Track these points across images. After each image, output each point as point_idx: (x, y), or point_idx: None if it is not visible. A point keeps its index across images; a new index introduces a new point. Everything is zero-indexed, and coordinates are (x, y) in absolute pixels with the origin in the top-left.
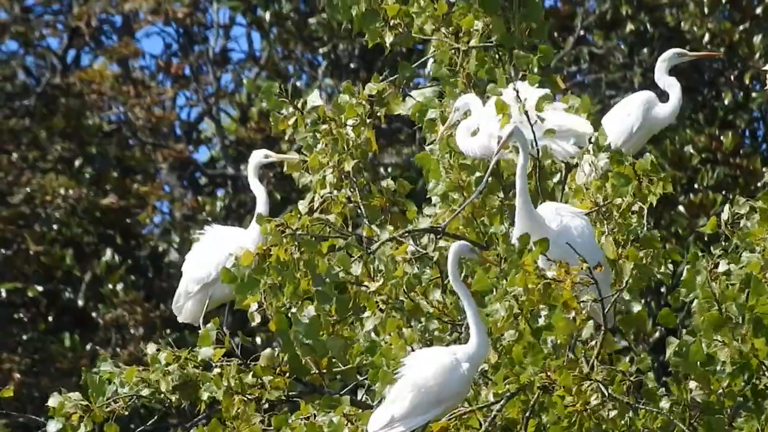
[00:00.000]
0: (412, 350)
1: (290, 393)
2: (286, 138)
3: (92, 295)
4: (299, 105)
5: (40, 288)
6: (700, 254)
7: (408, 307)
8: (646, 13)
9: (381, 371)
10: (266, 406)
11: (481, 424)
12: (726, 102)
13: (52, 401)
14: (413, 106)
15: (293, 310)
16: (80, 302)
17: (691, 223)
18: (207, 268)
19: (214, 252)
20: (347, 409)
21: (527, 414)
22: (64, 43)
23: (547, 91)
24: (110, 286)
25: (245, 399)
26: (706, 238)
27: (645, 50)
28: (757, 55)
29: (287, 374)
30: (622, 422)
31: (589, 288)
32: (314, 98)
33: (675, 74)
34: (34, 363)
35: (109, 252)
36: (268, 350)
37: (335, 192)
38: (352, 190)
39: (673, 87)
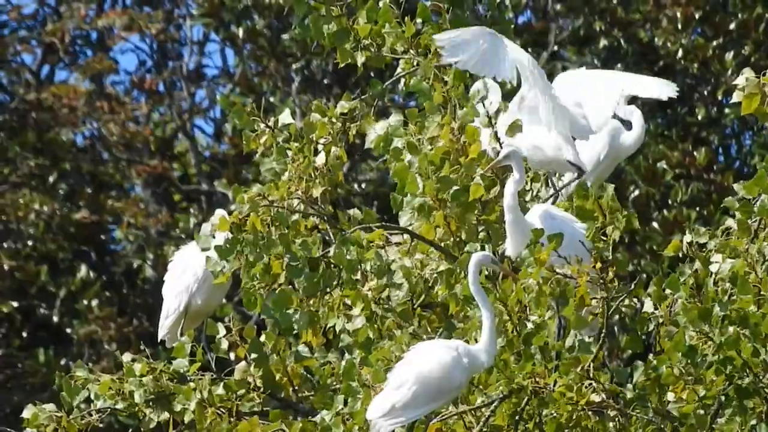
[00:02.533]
0: (403, 351)
1: (264, 408)
2: (258, 155)
3: (66, 311)
4: (270, 123)
5: (14, 304)
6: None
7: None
8: (619, 29)
9: (374, 371)
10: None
11: (467, 427)
12: (699, 117)
13: (26, 413)
14: (375, 139)
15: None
16: (55, 318)
17: (665, 239)
18: (186, 279)
19: (189, 263)
20: (340, 407)
21: (517, 418)
22: (38, 58)
23: (518, 119)
24: (85, 301)
25: (218, 412)
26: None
27: (619, 66)
28: (730, 71)
29: (261, 389)
30: (613, 426)
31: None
32: (285, 117)
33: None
34: (8, 378)
35: (84, 268)
36: (242, 363)
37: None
38: (319, 218)
39: (634, 115)
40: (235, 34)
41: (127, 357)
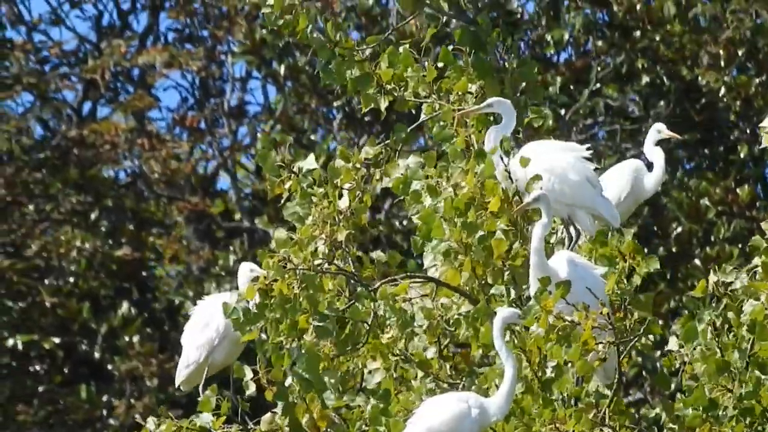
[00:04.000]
0: (422, 401)
1: None
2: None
3: (108, 347)
4: (295, 169)
5: (56, 340)
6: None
7: (418, 358)
8: (661, 66)
9: (393, 421)
10: None
11: None
12: (741, 155)
13: None
14: (394, 180)
15: (290, 346)
16: (96, 354)
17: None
18: (209, 333)
19: (213, 317)
20: None
21: None
22: (79, 95)
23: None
24: (126, 338)
25: None
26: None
27: (661, 103)
28: None
29: None
30: None
31: (606, 334)
32: (310, 162)
33: (695, 125)
34: (49, 415)
35: (125, 304)
36: (268, 415)
37: (326, 264)
38: (344, 261)
39: (657, 157)
40: (277, 71)
41: (151, 424)
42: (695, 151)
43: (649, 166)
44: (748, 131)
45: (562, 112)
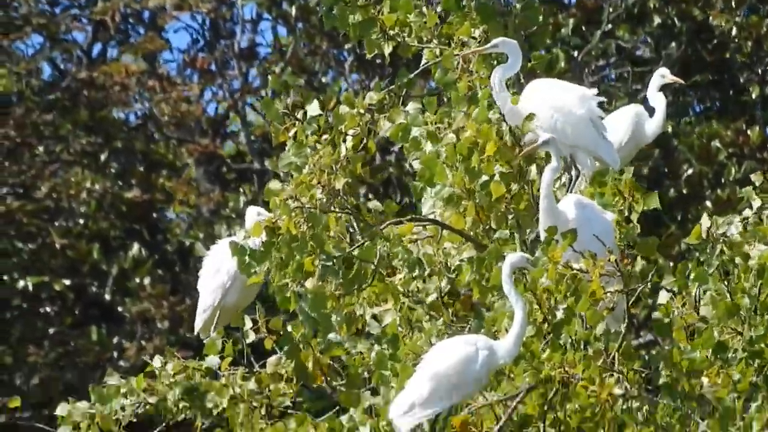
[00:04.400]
0: (431, 344)
1: (297, 399)
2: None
3: (119, 289)
4: (299, 116)
5: (66, 282)
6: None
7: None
8: (673, 6)
9: (402, 365)
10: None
11: (497, 418)
12: (753, 96)
13: (61, 410)
14: (392, 128)
15: (295, 288)
16: (107, 296)
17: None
18: (220, 276)
19: (224, 261)
20: (368, 403)
21: (545, 408)
22: (89, 37)
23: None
24: (137, 280)
25: (251, 407)
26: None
27: (672, 44)
28: None
29: (293, 381)
30: (641, 415)
31: (614, 280)
32: (314, 109)
33: (706, 66)
34: (60, 357)
35: (136, 246)
36: (273, 357)
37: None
38: (341, 209)
39: (659, 103)
40: (288, 13)
41: (157, 361)
42: (706, 92)
43: (651, 111)
44: (759, 72)
45: (575, 54)
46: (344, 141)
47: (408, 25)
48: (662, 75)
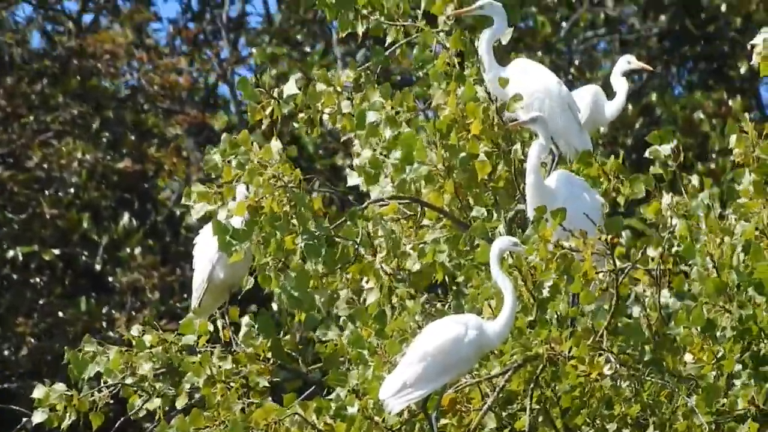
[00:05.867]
0: (417, 323)
1: (273, 380)
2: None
3: (109, 259)
4: (276, 94)
5: (56, 251)
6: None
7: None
8: None
9: (389, 341)
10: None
11: (483, 396)
12: (742, 71)
13: (37, 392)
14: (343, 121)
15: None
16: (97, 266)
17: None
18: (209, 251)
19: (213, 238)
20: (354, 383)
21: (531, 386)
22: (79, 6)
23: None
24: (128, 250)
25: (227, 387)
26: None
27: (662, 17)
28: None
29: (270, 361)
30: (630, 392)
31: (604, 259)
32: (291, 87)
33: (697, 39)
34: (49, 327)
35: (126, 216)
36: (246, 318)
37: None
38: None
39: (621, 87)
40: None
41: (135, 330)
42: (694, 65)
43: (613, 95)
44: (749, 46)
45: (563, 24)
46: (321, 121)
47: (381, 3)
48: (628, 61)
